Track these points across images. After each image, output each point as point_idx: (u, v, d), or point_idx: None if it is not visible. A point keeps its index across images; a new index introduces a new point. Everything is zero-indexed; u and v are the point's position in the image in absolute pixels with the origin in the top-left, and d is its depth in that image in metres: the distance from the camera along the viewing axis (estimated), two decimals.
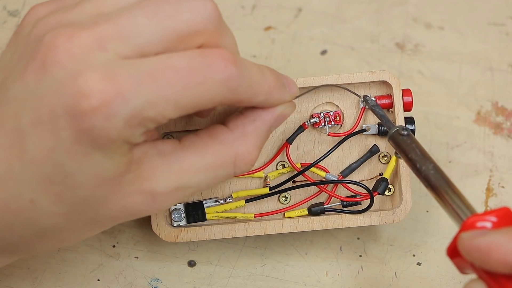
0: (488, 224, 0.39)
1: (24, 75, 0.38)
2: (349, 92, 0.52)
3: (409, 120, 0.52)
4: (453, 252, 0.40)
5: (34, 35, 0.39)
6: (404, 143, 0.46)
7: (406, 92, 0.52)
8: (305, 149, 0.53)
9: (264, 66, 0.43)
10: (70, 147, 0.37)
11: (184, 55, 0.39)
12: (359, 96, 0.51)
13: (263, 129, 0.43)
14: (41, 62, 0.38)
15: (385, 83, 0.52)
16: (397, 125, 0.48)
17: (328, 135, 0.52)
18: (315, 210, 0.52)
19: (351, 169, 0.53)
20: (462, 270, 0.41)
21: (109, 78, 0.37)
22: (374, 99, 0.51)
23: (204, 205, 0.52)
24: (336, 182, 0.52)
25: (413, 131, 0.52)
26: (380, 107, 0.50)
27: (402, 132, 0.46)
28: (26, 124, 0.38)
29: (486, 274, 0.38)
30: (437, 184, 0.43)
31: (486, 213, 0.40)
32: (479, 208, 0.57)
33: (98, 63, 0.37)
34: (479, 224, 0.39)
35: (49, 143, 0.38)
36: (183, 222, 0.52)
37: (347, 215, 0.52)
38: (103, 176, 0.39)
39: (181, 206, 0.52)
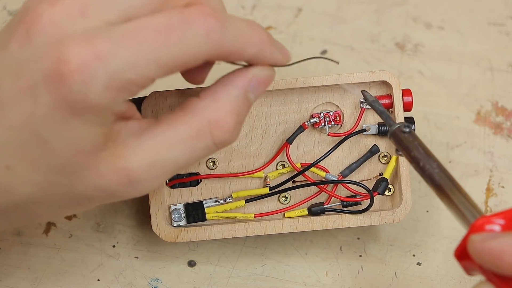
0: (497, 227, 0.39)
1: (8, 44, 0.39)
2: (349, 93, 0.52)
3: (409, 120, 0.52)
4: (462, 254, 0.40)
5: (23, 7, 0.40)
6: (406, 141, 0.44)
7: (406, 92, 0.52)
8: (305, 149, 0.53)
9: (257, 22, 0.42)
10: (48, 113, 0.37)
11: (163, 14, 0.39)
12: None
13: (236, 93, 0.42)
14: (24, 30, 0.38)
15: (385, 83, 0.52)
16: (398, 122, 0.47)
17: (328, 135, 0.52)
18: (315, 210, 0.52)
19: (351, 169, 0.53)
20: (468, 271, 0.41)
21: (87, 41, 0.37)
22: (373, 95, 0.51)
23: (204, 205, 0.52)
24: (336, 182, 0.52)
25: None
26: (380, 103, 0.49)
27: (404, 129, 0.44)
28: (7, 91, 0.38)
29: (496, 277, 0.38)
30: (442, 184, 0.41)
31: (494, 215, 0.39)
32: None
33: (79, 29, 0.38)
34: (488, 226, 0.39)
35: (27, 109, 0.38)
36: (183, 222, 0.52)
37: (347, 215, 0.52)
38: (79, 145, 0.38)
39: (181, 206, 0.52)
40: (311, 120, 0.52)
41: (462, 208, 0.40)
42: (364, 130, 0.52)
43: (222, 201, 0.53)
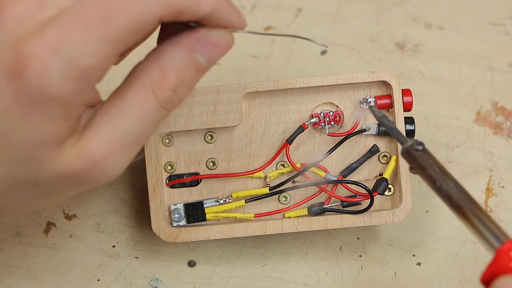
0: None
1: None
2: (349, 92, 0.52)
3: (409, 120, 0.52)
4: (488, 281, 0.38)
5: None
6: (420, 159, 0.42)
7: (406, 92, 0.52)
8: (305, 149, 0.53)
9: None
10: (8, 107, 0.37)
11: None
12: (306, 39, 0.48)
13: (179, 52, 0.40)
14: None
15: (385, 83, 0.52)
16: (410, 139, 0.44)
17: (328, 135, 0.52)
18: (315, 210, 0.52)
19: (351, 169, 0.53)
20: None
21: (39, 34, 0.37)
22: (381, 112, 0.50)
23: (204, 205, 0.52)
24: (336, 182, 0.52)
25: (413, 131, 0.52)
26: (389, 119, 0.48)
27: (417, 147, 0.43)
28: None
29: None
30: (462, 204, 0.40)
31: None
32: None
33: (37, 22, 0.38)
34: None
35: None
36: (183, 222, 0.52)
37: (347, 215, 0.52)
38: (40, 139, 0.38)
39: (181, 206, 0.52)
40: (311, 120, 0.52)
41: (485, 231, 0.39)
42: (364, 130, 0.52)
43: (222, 201, 0.53)
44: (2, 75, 0.37)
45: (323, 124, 0.52)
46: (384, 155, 0.53)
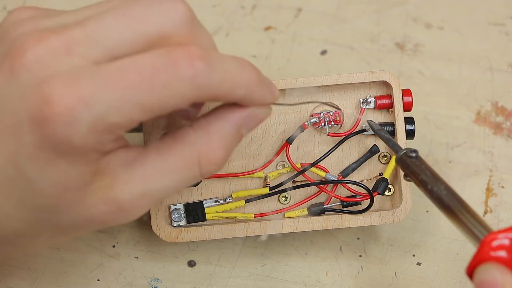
0: (506, 241, 0.39)
1: None
2: (349, 92, 0.52)
3: (409, 120, 0.52)
4: (473, 272, 0.40)
5: (9, 36, 0.39)
6: (413, 165, 0.45)
7: (406, 92, 0.52)
8: (305, 149, 0.53)
9: (246, 60, 0.41)
10: (33, 153, 0.37)
11: (148, 55, 0.38)
12: (338, 108, 0.52)
13: (229, 128, 0.41)
14: (9, 65, 0.38)
15: (385, 83, 0.52)
16: (404, 148, 0.47)
17: (328, 135, 0.52)
18: (315, 210, 0.52)
19: (351, 169, 0.53)
20: None
21: (72, 83, 0.36)
22: (377, 123, 0.51)
23: (204, 205, 0.52)
24: (336, 182, 0.52)
25: (413, 131, 0.52)
26: (385, 131, 0.50)
27: (411, 154, 0.45)
28: None
29: None
30: (451, 204, 0.42)
31: (503, 231, 0.39)
32: (479, 208, 0.57)
33: (63, 68, 0.37)
34: (496, 243, 0.39)
35: (11, 147, 0.37)
36: (183, 222, 0.52)
37: (347, 215, 0.52)
38: (66, 184, 0.38)
39: (181, 206, 0.52)
40: (311, 120, 0.52)
41: (471, 227, 0.41)
42: (364, 130, 0.52)
43: (222, 201, 0.53)
44: (26, 120, 0.37)
45: (323, 124, 0.52)
46: (384, 155, 0.53)
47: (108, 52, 0.38)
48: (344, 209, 0.52)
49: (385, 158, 0.53)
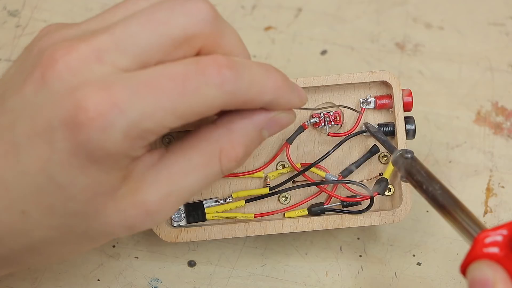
0: (499, 238, 0.39)
1: (23, 87, 0.38)
2: (349, 92, 0.52)
3: (409, 120, 0.52)
4: (465, 270, 0.40)
5: (37, 49, 0.40)
6: (409, 166, 0.46)
7: (406, 92, 0.52)
8: (305, 149, 0.53)
9: (271, 66, 0.42)
10: (65, 160, 0.37)
11: (179, 63, 0.39)
12: (357, 111, 0.52)
13: (252, 128, 0.42)
14: (40, 75, 0.38)
15: (385, 83, 0.52)
16: (399, 148, 0.49)
17: (328, 135, 0.52)
18: (315, 210, 0.52)
19: (351, 169, 0.53)
20: None
21: (105, 90, 0.37)
22: (375, 125, 0.52)
23: (204, 205, 0.52)
24: (336, 182, 0.52)
25: (413, 131, 0.52)
26: (382, 133, 0.51)
27: (406, 155, 0.46)
28: (21, 135, 0.38)
29: None
30: (445, 203, 0.43)
31: (496, 228, 0.39)
32: (479, 208, 0.57)
33: (95, 75, 0.38)
34: (489, 239, 0.39)
35: (43, 155, 0.38)
36: (183, 222, 0.52)
37: (347, 215, 0.52)
38: (96, 190, 0.38)
39: (181, 206, 0.52)
40: (311, 120, 0.52)
41: (465, 225, 0.41)
42: (364, 131, 0.52)
43: (222, 201, 0.53)
44: (59, 126, 0.37)
45: (323, 124, 0.52)
46: (384, 155, 0.53)
47: (137, 59, 0.39)
48: (344, 209, 0.52)
49: (385, 158, 0.53)
